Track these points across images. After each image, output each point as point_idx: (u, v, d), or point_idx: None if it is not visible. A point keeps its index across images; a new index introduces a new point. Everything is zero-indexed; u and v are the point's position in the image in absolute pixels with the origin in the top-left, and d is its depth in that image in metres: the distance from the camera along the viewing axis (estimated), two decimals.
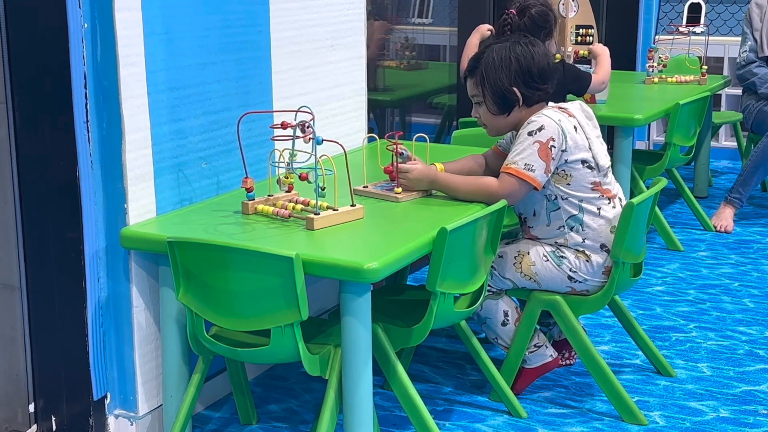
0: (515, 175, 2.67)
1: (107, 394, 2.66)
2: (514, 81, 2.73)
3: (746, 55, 5.02)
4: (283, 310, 2.24)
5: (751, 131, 5.14)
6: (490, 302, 2.86)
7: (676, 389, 3.04)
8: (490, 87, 2.74)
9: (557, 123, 2.69)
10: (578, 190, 2.74)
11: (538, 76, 2.74)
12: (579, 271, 2.78)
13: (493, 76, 2.73)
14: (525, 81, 2.73)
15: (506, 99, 2.74)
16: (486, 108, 2.78)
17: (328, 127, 3.25)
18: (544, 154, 2.66)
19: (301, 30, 3.11)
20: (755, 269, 4.18)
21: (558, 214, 2.76)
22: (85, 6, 2.42)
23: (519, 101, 2.74)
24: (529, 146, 2.67)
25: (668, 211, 5.05)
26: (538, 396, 2.99)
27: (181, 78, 2.65)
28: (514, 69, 2.72)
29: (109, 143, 2.52)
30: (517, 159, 2.68)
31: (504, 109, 2.76)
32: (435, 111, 5.34)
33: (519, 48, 2.75)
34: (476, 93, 2.79)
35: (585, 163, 2.73)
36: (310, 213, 2.49)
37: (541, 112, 2.73)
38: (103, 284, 2.58)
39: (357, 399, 2.35)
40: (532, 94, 2.75)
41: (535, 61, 2.74)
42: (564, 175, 2.73)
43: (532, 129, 2.69)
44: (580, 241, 2.77)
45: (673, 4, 6.59)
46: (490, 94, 2.75)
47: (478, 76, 2.76)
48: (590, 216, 2.76)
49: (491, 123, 2.81)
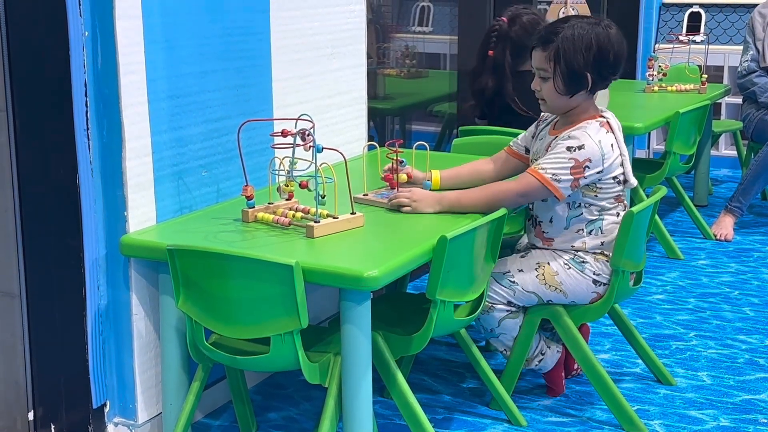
0: (539, 179, 2.64)
1: (107, 402, 2.65)
2: (589, 66, 2.66)
3: (747, 65, 5.02)
4: (283, 318, 2.24)
5: (751, 140, 5.15)
6: (509, 321, 2.81)
7: (676, 398, 3.04)
8: (565, 65, 2.66)
9: (598, 144, 2.64)
10: (603, 200, 2.73)
11: (613, 65, 2.69)
12: (602, 273, 2.77)
13: (570, 56, 2.65)
14: (599, 67, 2.67)
15: (578, 81, 2.67)
16: (552, 85, 2.69)
17: (329, 135, 3.25)
18: (576, 172, 2.63)
19: (302, 38, 3.11)
20: (755, 278, 4.18)
21: (579, 220, 2.74)
22: (85, 14, 2.43)
23: (588, 86, 2.68)
24: (564, 160, 2.63)
25: (668, 220, 5.05)
26: (538, 404, 2.98)
27: (182, 86, 2.65)
28: (593, 53, 2.65)
29: (109, 151, 2.52)
30: (546, 167, 2.65)
31: (571, 91, 2.68)
32: (435, 119, 5.34)
33: (599, 30, 2.67)
34: (546, 68, 2.69)
35: (615, 179, 2.72)
36: (310, 221, 2.49)
37: (584, 129, 2.67)
38: (103, 292, 2.58)
39: (356, 407, 2.34)
40: (601, 81, 2.70)
41: (614, 48, 2.68)
42: (594, 189, 2.71)
43: (572, 145, 2.64)
44: (599, 244, 2.76)
45: (673, 12, 6.60)
46: (561, 72, 2.66)
47: (552, 51, 2.67)
48: (609, 219, 2.75)
49: (552, 101, 2.72)
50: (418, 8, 5.90)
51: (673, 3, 6.63)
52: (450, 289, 2.45)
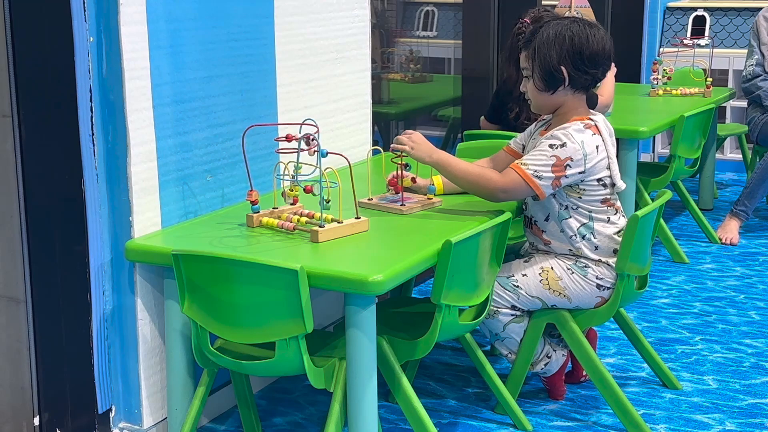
0: (521, 175, 2.66)
1: (112, 407, 2.65)
2: (563, 60, 2.68)
3: (752, 69, 5.02)
4: (288, 322, 2.24)
5: (756, 143, 5.14)
6: (514, 326, 2.82)
7: (681, 402, 3.03)
8: (539, 62, 2.70)
9: (580, 144, 2.66)
10: (589, 203, 2.73)
11: (589, 59, 2.70)
12: (605, 277, 2.77)
13: (544, 52, 2.69)
14: (574, 62, 2.69)
15: (553, 77, 2.70)
16: (533, 83, 2.74)
17: (333, 140, 3.25)
18: (557, 169, 2.64)
19: (306, 43, 3.11)
20: (761, 281, 4.17)
21: (569, 223, 2.75)
22: (90, 20, 2.43)
23: (565, 81, 2.70)
24: (546, 158, 2.65)
25: (673, 224, 5.04)
26: (543, 409, 2.98)
27: (187, 91, 2.66)
28: (566, 48, 2.68)
29: (114, 156, 2.52)
30: (528, 162, 2.67)
31: (549, 87, 2.71)
32: (440, 123, 5.35)
33: (576, 27, 2.70)
34: (526, 66, 2.75)
35: (600, 182, 2.72)
36: (314, 225, 2.49)
37: (567, 129, 2.69)
38: (108, 297, 2.58)
39: (362, 412, 2.34)
40: (579, 76, 2.70)
41: (589, 44, 2.69)
42: (577, 189, 2.72)
43: (554, 143, 2.66)
44: (594, 249, 2.76)
45: (678, 16, 6.60)
46: (538, 69, 2.71)
47: (531, 50, 2.72)
48: (600, 224, 2.75)
49: (536, 99, 2.77)
50: (422, 13, 5.91)
51: (677, 7, 6.63)
52: (455, 293, 2.45)
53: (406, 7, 5.95)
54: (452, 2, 5.75)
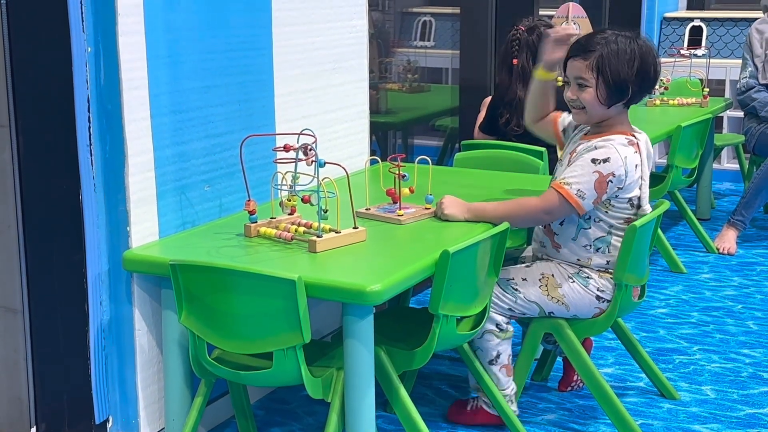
0: (564, 196, 2.63)
1: (109, 418, 2.65)
2: (633, 76, 2.64)
3: (746, 81, 5.03)
4: (286, 332, 2.23)
5: (753, 153, 5.15)
6: (491, 336, 2.77)
7: (680, 412, 3.03)
8: (610, 74, 2.63)
9: (623, 161, 2.63)
10: (613, 219, 2.71)
11: (653, 79, 2.70)
12: (606, 289, 2.76)
13: (615, 65, 2.63)
14: (641, 81, 2.66)
15: (620, 91, 2.65)
16: (594, 94, 2.65)
17: (331, 150, 3.25)
18: (600, 187, 2.62)
19: (304, 53, 3.12)
20: (758, 291, 4.17)
21: (587, 233, 2.73)
22: (88, 30, 2.43)
23: (627, 98, 2.68)
24: (588, 173, 2.61)
25: (671, 234, 5.05)
26: (542, 419, 2.98)
27: (184, 101, 2.66)
28: (636, 65, 2.64)
29: (112, 166, 2.52)
30: (571, 181, 2.63)
31: (612, 101, 2.66)
32: (437, 133, 5.35)
33: (641, 43, 2.67)
34: (587, 77, 2.66)
35: (629, 201, 2.70)
36: (312, 235, 2.49)
37: (611, 142, 2.66)
38: (106, 307, 2.58)
39: (359, 422, 2.34)
40: (639, 96, 2.70)
41: (656, 64, 2.69)
42: (606, 204, 2.69)
43: (597, 157, 2.63)
44: (604, 263, 2.75)
45: (675, 27, 6.61)
46: (605, 81, 2.64)
47: (594, 60, 2.64)
48: (617, 239, 2.73)
49: (592, 109, 2.68)
50: (419, 23, 5.92)
51: (674, 17, 6.64)
52: (453, 303, 2.44)
53: (403, 17, 5.96)
54: (450, 12, 5.76)
